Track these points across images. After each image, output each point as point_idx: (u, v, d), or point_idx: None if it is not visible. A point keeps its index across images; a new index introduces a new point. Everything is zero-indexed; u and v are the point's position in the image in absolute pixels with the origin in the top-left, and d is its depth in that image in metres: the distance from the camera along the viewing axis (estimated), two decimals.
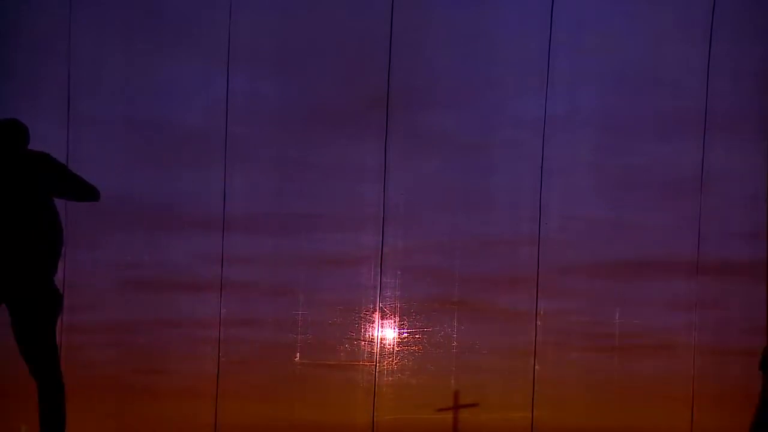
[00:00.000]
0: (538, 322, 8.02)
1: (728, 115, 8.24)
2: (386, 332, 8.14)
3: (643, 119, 8.24)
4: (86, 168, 6.72)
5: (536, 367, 8.04)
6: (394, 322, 8.14)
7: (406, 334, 8.14)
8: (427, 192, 8.23)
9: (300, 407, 8.10)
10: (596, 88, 8.30)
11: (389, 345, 8.14)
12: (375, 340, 8.12)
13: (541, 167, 8.14)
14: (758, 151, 8.28)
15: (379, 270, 8.10)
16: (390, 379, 8.13)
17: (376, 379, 8.10)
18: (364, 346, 8.12)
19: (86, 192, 5.90)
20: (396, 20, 8.08)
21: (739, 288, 8.27)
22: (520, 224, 8.21)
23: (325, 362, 8.13)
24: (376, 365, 8.10)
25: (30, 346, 5.72)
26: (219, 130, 8.06)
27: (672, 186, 7.44)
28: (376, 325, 8.11)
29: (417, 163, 8.16)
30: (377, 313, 8.11)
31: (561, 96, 8.22)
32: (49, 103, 8.00)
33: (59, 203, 5.93)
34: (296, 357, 8.11)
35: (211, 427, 7.97)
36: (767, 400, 6.58)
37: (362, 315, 8.12)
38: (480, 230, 8.23)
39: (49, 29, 8.05)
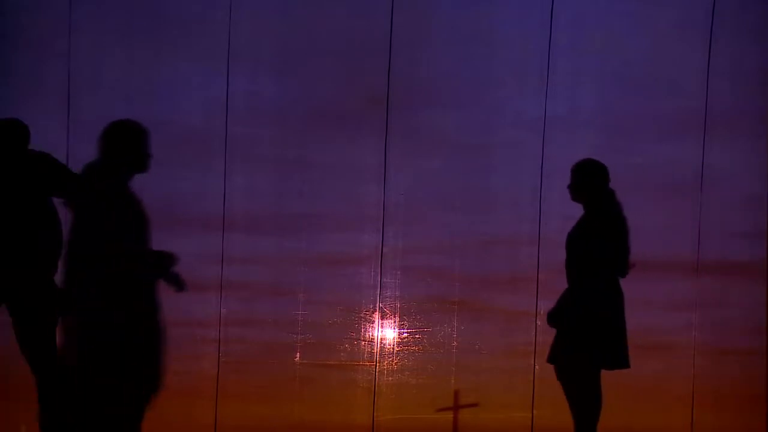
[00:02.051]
0: (538, 322, 8.01)
1: (728, 115, 8.24)
2: (386, 332, 8.13)
3: (643, 119, 8.24)
4: None
5: (536, 367, 8.04)
6: (394, 322, 8.14)
7: (406, 334, 8.14)
8: (427, 192, 8.23)
9: (300, 407, 8.10)
10: (596, 88, 8.30)
11: (389, 345, 8.14)
12: (375, 340, 8.12)
13: (541, 167, 8.14)
14: (758, 151, 8.28)
15: (379, 270, 8.10)
16: (390, 379, 8.13)
17: (376, 379, 8.09)
18: (364, 346, 8.12)
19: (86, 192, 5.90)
20: (396, 20, 8.08)
21: (739, 288, 8.27)
22: (520, 224, 8.21)
23: (325, 362, 8.13)
24: (376, 365, 8.10)
25: (31, 346, 5.73)
26: (219, 130, 8.06)
27: (672, 186, 7.43)
28: (376, 325, 8.11)
29: (417, 162, 8.16)
30: (377, 313, 8.11)
31: (561, 96, 8.22)
32: (49, 103, 7.99)
33: (59, 203, 5.93)
34: (296, 357, 8.11)
35: (211, 427, 7.97)
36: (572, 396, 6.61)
37: (362, 315, 8.12)
38: (480, 230, 8.23)
39: (49, 29, 8.04)
